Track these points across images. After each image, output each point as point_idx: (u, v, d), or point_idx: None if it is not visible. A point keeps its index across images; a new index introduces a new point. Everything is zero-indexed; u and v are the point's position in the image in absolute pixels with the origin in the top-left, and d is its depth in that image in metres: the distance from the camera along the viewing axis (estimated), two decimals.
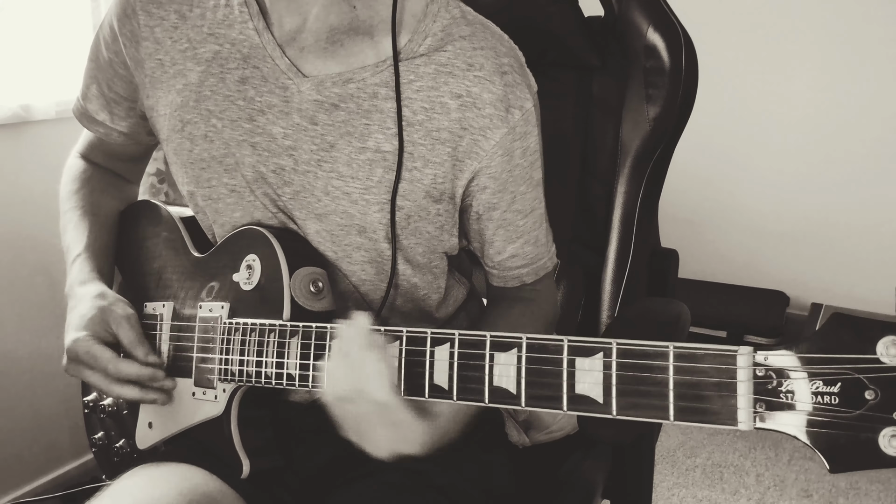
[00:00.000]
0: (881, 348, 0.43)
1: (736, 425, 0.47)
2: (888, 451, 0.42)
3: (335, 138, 0.76)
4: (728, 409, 0.47)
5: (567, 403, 0.54)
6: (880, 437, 0.42)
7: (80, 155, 0.99)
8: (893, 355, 0.42)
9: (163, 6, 0.81)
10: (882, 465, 0.42)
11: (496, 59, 0.76)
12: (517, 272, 0.85)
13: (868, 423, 0.43)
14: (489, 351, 0.58)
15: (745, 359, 0.47)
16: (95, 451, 0.95)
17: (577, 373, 0.53)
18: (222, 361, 0.76)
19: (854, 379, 0.43)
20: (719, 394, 0.47)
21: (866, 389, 0.43)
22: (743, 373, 0.47)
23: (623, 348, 0.51)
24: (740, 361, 0.47)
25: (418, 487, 0.77)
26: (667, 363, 0.49)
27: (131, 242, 0.95)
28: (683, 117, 1.01)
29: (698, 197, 2.82)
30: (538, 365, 0.56)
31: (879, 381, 0.43)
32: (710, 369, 0.48)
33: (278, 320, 0.72)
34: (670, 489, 2.02)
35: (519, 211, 0.81)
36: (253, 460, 0.76)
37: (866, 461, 0.43)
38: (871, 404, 0.43)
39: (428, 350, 0.61)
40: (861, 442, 0.43)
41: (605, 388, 0.52)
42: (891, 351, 0.42)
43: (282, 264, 0.74)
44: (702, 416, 0.48)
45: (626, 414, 0.51)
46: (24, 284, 1.69)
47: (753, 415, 0.46)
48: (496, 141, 0.76)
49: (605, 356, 0.52)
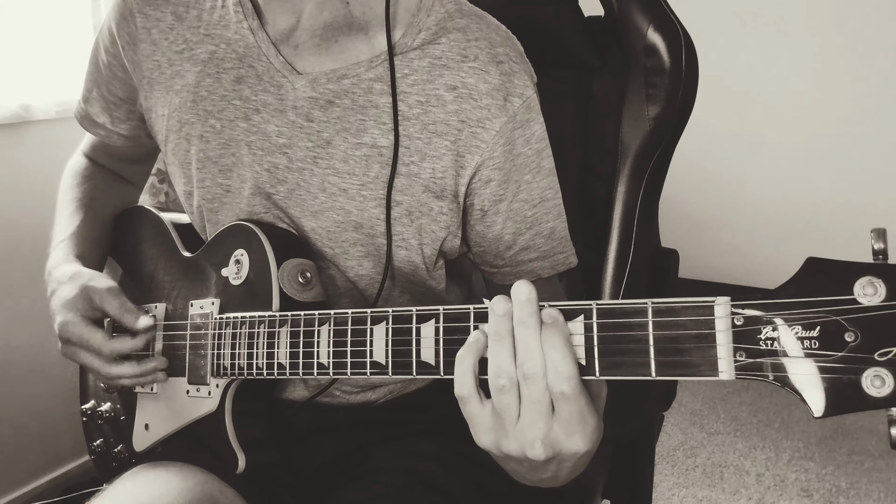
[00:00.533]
0: (858, 289, 0.42)
1: (717, 375, 0.46)
2: (871, 393, 0.42)
3: (331, 135, 0.76)
4: (709, 360, 0.47)
5: None
6: (863, 379, 0.42)
7: (84, 154, 1.00)
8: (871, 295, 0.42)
9: (159, 8, 0.81)
10: (867, 406, 0.42)
11: (491, 49, 0.76)
12: (531, 266, 0.82)
13: (850, 365, 0.42)
14: (473, 323, 0.57)
15: (723, 308, 0.47)
16: (94, 458, 0.96)
17: None
18: (214, 357, 0.77)
19: (833, 321, 0.43)
20: (699, 346, 0.47)
21: (846, 331, 0.43)
22: (721, 322, 0.46)
23: (603, 308, 0.51)
24: (718, 311, 0.47)
25: (417, 487, 0.77)
26: (646, 319, 0.49)
27: (126, 247, 0.95)
28: (684, 117, 1.01)
29: (699, 196, 2.82)
30: None
31: (858, 322, 0.42)
32: (689, 322, 0.48)
33: (267, 312, 0.73)
34: (670, 489, 2.02)
35: (525, 200, 0.80)
36: (249, 454, 0.76)
37: (851, 404, 0.43)
38: (851, 346, 0.42)
39: (414, 328, 0.61)
40: (845, 384, 0.43)
41: (588, 349, 0.52)
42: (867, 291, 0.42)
43: (269, 257, 0.74)
44: (683, 369, 0.48)
45: (609, 374, 0.51)
46: (23, 284, 1.69)
47: (734, 364, 0.46)
48: (496, 131, 0.75)
49: (586, 318, 0.52)
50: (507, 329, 0.52)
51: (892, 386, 0.41)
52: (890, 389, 0.41)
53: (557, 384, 0.50)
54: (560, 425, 0.51)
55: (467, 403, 0.54)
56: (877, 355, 0.42)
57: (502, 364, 0.52)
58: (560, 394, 0.50)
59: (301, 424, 0.85)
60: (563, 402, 0.50)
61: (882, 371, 0.42)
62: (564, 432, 0.51)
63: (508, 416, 0.52)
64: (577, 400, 0.50)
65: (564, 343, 0.50)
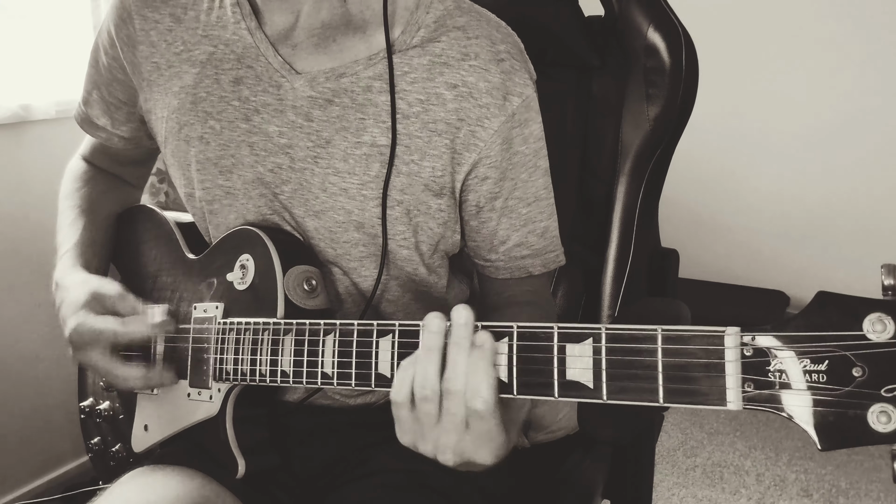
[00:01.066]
0: (867, 325, 0.43)
1: (725, 405, 0.47)
2: (877, 428, 0.42)
3: (330, 134, 0.76)
4: (717, 389, 0.47)
5: (558, 390, 0.54)
6: (869, 414, 0.43)
7: (84, 158, 0.99)
8: (879, 332, 0.42)
9: (157, 10, 0.81)
10: (872, 441, 0.42)
11: (492, 48, 0.75)
12: (523, 262, 0.83)
13: (857, 400, 0.43)
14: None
15: (733, 339, 0.47)
16: (92, 456, 0.95)
17: (568, 359, 0.54)
18: (217, 361, 0.76)
19: (841, 356, 0.44)
20: (708, 374, 0.47)
21: (854, 366, 0.43)
22: (731, 353, 0.47)
23: (612, 333, 0.51)
24: (728, 342, 0.47)
25: (416, 488, 0.77)
26: (655, 346, 0.49)
27: (128, 247, 0.95)
28: (684, 117, 1.01)
29: (699, 196, 2.82)
30: (529, 353, 0.56)
31: (866, 358, 0.43)
32: (698, 350, 0.48)
33: (272, 318, 0.72)
34: (670, 489, 2.02)
35: (521, 199, 0.80)
36: (249, 460, 0.76)
37: (856, 438, 0.43)
38: (858, 381, 0.43)
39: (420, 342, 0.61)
40: (850, 419, 0.43)
41: (596, 373, 0.52)
42: (877, 327, 0.42)
43: (275, 263, 0.74)
44: (691, 397, 0.48)
45: (617, 398, 0.51)
46: (23, 284, 1.69)
47: (742, 394, 0.46)
48: (494, 129, 0.75)
49: (595, 341, 0.52)
50: (437, 345, 0.57)
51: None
52: (895, 425, 0.42)
53: (474, 402, 0.55)
54: (471, 438, 0.57)
55: (400, 408, 0.59)
56: (883, 391, 0.42)
57: (428, 376, 0.56)
58: (475, 411, 0.55)
59: (300, 426, 0.85)
60: (476, 419, 0.55)
61: (888, 407, 0.42)
62: (474, 445, 0.57)
63: (427, 422, 0.57)
64: (488, 419, 0.55)
65: (488, 366, 0.55)
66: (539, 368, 0.55)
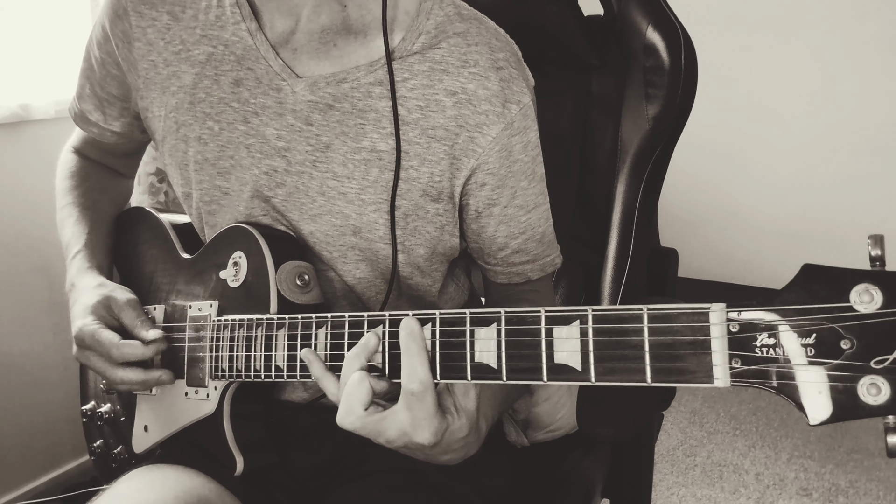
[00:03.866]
0: (854, 296, 0.42)
1: (712, 382, 0.46)
2: (867, 400, 0.41)
3: (330, 139, 0.76)
4: (704, 366, 0.47)
5: (547, 373, 0.54)
6: (859, 386, 0.42)
7: (74, 149, 0.99)
8: (867, 302, 0.41)
9: (155, 7, 0.81)
10: (863, 414, 0.42)
11: (491, 55, 0.76)
12: (521, 268, 0.84)
13: (847, 373, 0.42)
14: (469, 326, 0.58)
15: (718, 315, 0.46)
16: (94, 458, 0.96)
17: (556, 342, 0.53)
18: (212, 359, 0.77)
19: (829, 329, 0.43)
20: (694, 352, 0.47)
21: (842, 339, 0.42)
22: (716, 329, 0.46)
23: (599, 314, 0.51)
24: (713, 318, 0.46)
25: (415, 488, 0.77)
26: (641, 325, 0.49)
27: (125, 249, 0.95)
28: (683, 116, 1.01)
29: (698, 196, 2.82)
30: (518, 337, 0.56)
31: (855, 330, 0.42)
32: (684, 328, 0.47)
33: (265, 314, 0.72)
34: (670, 488, 2.02)
35: (520, 206, 0.81)
36: (247, 457, 0.76)
37: (847, 411, 0.42)
38: (847, 353, 0.42)
39: None
40: (840, 392, 0.42)
41: (583, 354, 0.52)
42: (864, 298, 0.41)
43: (267, 259, 0.74)
44: (678, 375, 0.48)
45: (605, 380, 0.51)
46: (23, 284, 1.69)
47: (729, 370, 0.46)
48: (493, 137, 0.75)
49: (582, 323, 0.52)
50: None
51: (888, 394, 0.41)
52: (886, 397, 0.41)
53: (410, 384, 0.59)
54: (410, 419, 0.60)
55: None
56: (873, 363, 0.41)
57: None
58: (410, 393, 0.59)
59: (300, 426, 0.85)
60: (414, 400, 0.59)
61: (878, 379, 0.41)
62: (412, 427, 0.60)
63: None
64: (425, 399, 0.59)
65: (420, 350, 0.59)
66: (527, 353, 0.55)
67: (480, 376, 0.58)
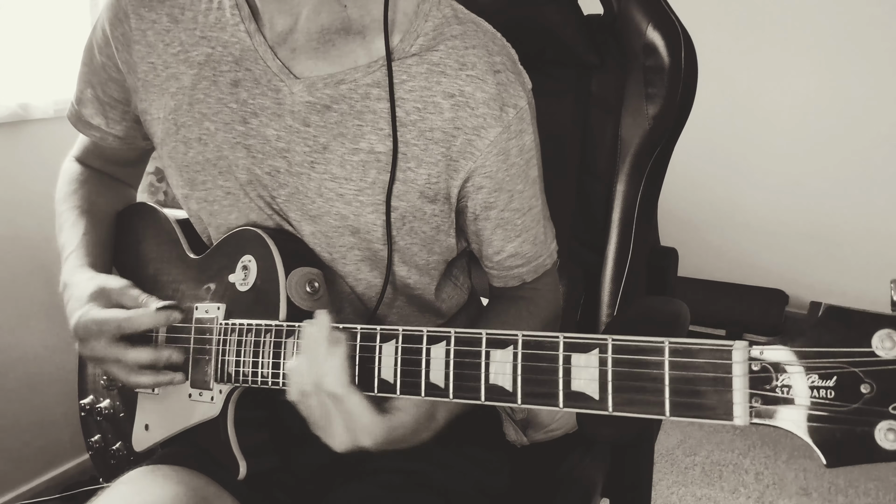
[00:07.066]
0: (876, 342, 0.42)
1: (732, 420, 0.46)
2: (885, 445, 0.42)
3: (328, 140, 0.75)
4: (724, 403, 0.47)
5: (563, 400, 0.54)
6: (876, 431, 0.42)
7: (77, 159, 0.99)
8: (888, 348, 0.42)
9: (154, 9, 0.80)
10: (879, 459, 0.42)
11: (488, 58, 0.76)
12: (517, 271, 0.85)
13: (864, 417, 0.43)
14: (485, 348, 0.58)
15: (741, 353, 0.46)
16: (92, 454, 0.95)
17: (573, 369, 0.53)
18: (218, 363, 0.76)
19: (850, 373, 0.43)
20: (715, 389, 0.47)
21: (862, 383, 0.43)
22: (738, 367, 0.46)
23: (619, 344, 0.51)
24: (736, 356, 0.47)
25: (415, 487, 0.77)
26: (662, 358, 0.49)
27: (128, 245, 0.94)
28: (683, 116, 1.01)
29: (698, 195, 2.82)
30: (534, 362, 0.55)
31: (875, 375, 0.42)
32: (706, 364, 0.47)
33: (274, 321, 0.72)
34: (669, 488, 2.02)
35: (517, 209, 0.81)
36: (250, 461, 0.76)
37: (863, 455, 0.43)
38: (867, 398, 0.43)
39: (424, 348, 0.61)
40: (858, 436, 0.43)
41: (602, 384, 0.52)
42: (886, 344, 0.42)
43: (278, 265, 0.74)
44: (697, 411, 0.48)
45: (623, 410, 0.51)
46: (22, 283, 1.69)
47: (749, 409, 0.46)
48: (490, 140, 0.75)
49: (601, 352, 0.52)
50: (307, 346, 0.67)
51: None
52: None
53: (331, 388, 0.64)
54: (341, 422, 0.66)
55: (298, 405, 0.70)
56: (891, 408, 0.42)
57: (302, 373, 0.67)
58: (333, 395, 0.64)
59: (300, 425, 0.85)
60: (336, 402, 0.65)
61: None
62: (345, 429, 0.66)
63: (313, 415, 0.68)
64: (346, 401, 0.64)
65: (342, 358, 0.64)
66: (544, 378, 0.55)
67: (494, 398, 0.58)
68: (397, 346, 0.63)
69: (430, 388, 0.61)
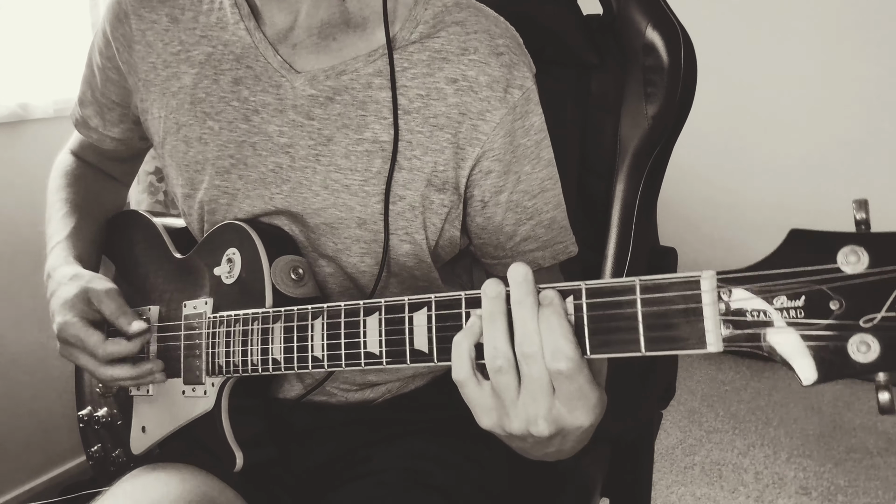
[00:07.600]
0: (841, 258, 0.43)
1: (705, 348, 0.47)
2: (857, 359, 0.42)
3: (332, 131, 0.76)
4: (696, 333, 0.47)
5: None
6: (849, 345, 0.42)
7: (73, 152, 0.99)
8: (854, 263, 0.42)
9: (154, 10, 0.81)
10: (854, 373, 0.42)
11: (491, 41, 0.76)
12: (532, 255, 0.83)
13: (836, 332, 0.43)
14: (465, 309, 0.57)
15: (709, 282, 0.47)
16: (93, 463, 0.95)
17: None
18: (209, 356, 0.77)
19: (817, 290, 0.43)
20: (687, 320, 0.47)
21: (830, 300, 0.43)
22: (707, 296, 0.47)
23: (592, 288, 0.52)
24: (704, 285, 0.47)
25: (416, 486, 0.77)
26: (634, 297, 0.49)
27: (119, 252, 0.95)
28: (682, 115, 1.01)
29: (697, 195, 2.82)
30: None
31: (842, 290, 0.43)
32: (676, 297, 0.48)
33: (260, 309, 0.73)
34: (669, 487, 2.02)
35: (525, 192, 0.80)
36: (246, 452, 0.76)
37: (838, 370, 0.43)
38: (836, 314, 0.43)
39: (406, 317, 0.61)
40: (831, 352, 0.43)
41: (578, 329, 0.52)
42: (850, 259, 0.42)
43: (261, 254, 0.75)
44: (672, 343, 0.48)
45: (600, 352, 0.51)
46: (22, 283, 1.69)
47: (721, 336, 0.47)
48: (496, 122, 0.75)
49: (576, 298, 0.52)
50: (500, 310, 0.53)
51: (877, 351, 0.42)
52: (875, 355, 0.42)
53: (555, 363, 0.50)
54: (561, 402, 0.52)
55: (465, 387, 0.55)
56: (862, 322, 0.42)
57: (498, 345, 0.52)
58: (558, 372, 0.51)
59: (300, 424, 0.85)
60: (561, 380, 0.51)
61: (867, 337, 0.42)
62: (567, 408, 0.52)
63: (508, 395, 0.53)
64: (575, 378, 0.51)
65: (560, 323, 0.51)
66: None
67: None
68: (380, 318, 0.62)
69: (415, 354, 0.60)
